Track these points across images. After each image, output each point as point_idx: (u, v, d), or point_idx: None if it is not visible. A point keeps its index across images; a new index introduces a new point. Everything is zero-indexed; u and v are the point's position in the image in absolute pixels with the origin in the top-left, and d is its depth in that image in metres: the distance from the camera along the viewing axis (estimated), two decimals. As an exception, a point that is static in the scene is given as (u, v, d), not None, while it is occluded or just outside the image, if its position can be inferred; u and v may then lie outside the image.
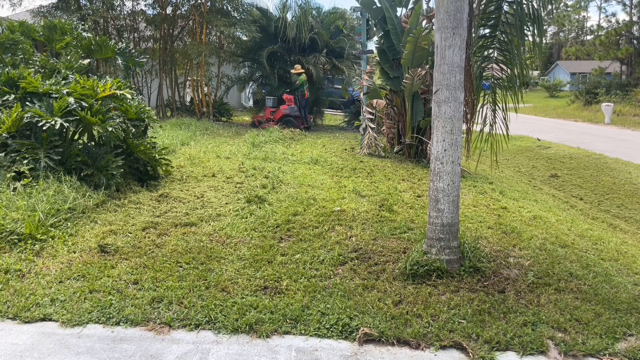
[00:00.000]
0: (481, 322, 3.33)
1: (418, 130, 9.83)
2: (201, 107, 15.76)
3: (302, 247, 4.59)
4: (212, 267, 4.07)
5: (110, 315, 3.29)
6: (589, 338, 3.22)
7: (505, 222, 5.67)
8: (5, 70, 6.65)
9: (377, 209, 5.98)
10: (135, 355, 2.91)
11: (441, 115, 4.03)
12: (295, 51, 15.10)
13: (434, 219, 4.11)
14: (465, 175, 8.65)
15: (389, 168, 8.92)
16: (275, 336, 3.15)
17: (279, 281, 3.85)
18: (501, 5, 5.56)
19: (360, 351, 3.03)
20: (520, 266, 4.29)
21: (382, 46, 10.61)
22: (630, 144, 16.53)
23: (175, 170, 7.52)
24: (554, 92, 42.51)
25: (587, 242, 5.50)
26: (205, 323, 3.24)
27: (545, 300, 3.69)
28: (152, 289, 3.65)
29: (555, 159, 13.61)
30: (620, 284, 4.13)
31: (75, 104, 5.95)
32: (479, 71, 5.88)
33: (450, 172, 4.04)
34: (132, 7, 16.27)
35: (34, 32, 9.45)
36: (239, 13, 15.44)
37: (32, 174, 5.52)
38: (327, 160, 9.36)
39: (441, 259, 4.03)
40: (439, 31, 4.00)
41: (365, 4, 10.55)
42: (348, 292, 3.70)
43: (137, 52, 11.29)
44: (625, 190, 10.33)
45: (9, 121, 5.68)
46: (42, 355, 2.87)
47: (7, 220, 4.57)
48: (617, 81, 32.71)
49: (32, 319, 3.24)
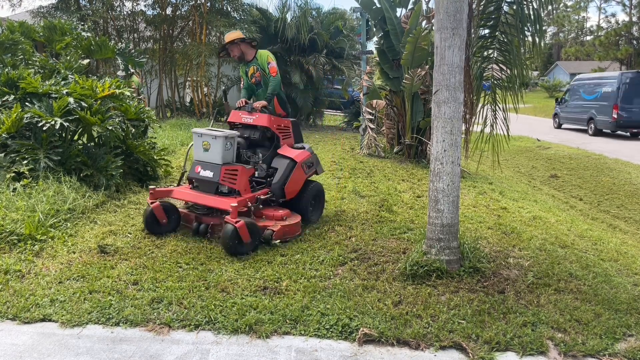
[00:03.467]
0: (481, 323, 3.33)
1: (418, 130, 9.83)
2: (201, 107, 15.76)
3: (302, 248, 4.59)
4: (211, 268, 4.07)
5: (110, 315, 3.28)
6: (588, 338, 3.22)
7: (505, 223, 5.67)
8: (5, 71, 6.65)
9: (376, 209, 5.98)
10: (135, 355, 2.91)
11: (441, 115, 4.03)
12: (294, 51, 15.10)
13: (434, 220, 4.11)
14: (465, 176, 8.65)
15: (389, 168, 8.92)
16: (275, 336, 3.15)
17: (278, 281, 3.85)
18: (501, 5, 5.56)
19: (360, 351, 3.03)
20: (520, 266, 4.29)
21: (381, 46, 10.61)
22: (630, 144, 16.53)
23: (175, 170, 7.52)
24: (554, 92, 42.54)
25: (587, 242, 5.50)
26: (205, 323, 3.24)
27: (545, 301, 3.69)
28: (152, 289, 3.65)
29: (555, 159, 13.62)
30: (620, 284, 4.13)
31: (75, 104, 5.95)
32: (478, 72, 5.88)
33: (450, 173, 4.04)
34: (132, 7, 16.27)
35: (34, 32, 9.45)
36: (238, 13, 15.45)
37: (32, 174, 5.52)
38: (327, 160, 9.36)
39: (441, 259, 4.03)
40: (439, 32, 4.00)
41: (365, 5, 10.55)
42: (348, 292, 3.70)
43: (136, 53, 11.29)
44: (625, 190, 10.33)
45: (9, 121, 5.68)
46: (42, 356, 2.87)
47: (6, 220, 4.57)
48: (617, 81, 32.67)
49: (32, 320, 3.23)
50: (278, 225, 4.63)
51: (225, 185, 4.72)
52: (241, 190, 4.71)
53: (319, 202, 5.44)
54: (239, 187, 4.71)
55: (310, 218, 5.21)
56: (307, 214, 5.15)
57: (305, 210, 5.14)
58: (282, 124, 5.22)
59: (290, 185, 4.95)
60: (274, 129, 5.10)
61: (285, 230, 4.68)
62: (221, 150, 4.69)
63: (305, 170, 5.14)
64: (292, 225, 4.78)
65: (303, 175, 5.13)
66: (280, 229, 4.61)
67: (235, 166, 4.75)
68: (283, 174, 4.94)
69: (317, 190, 5.36)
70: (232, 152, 4.83)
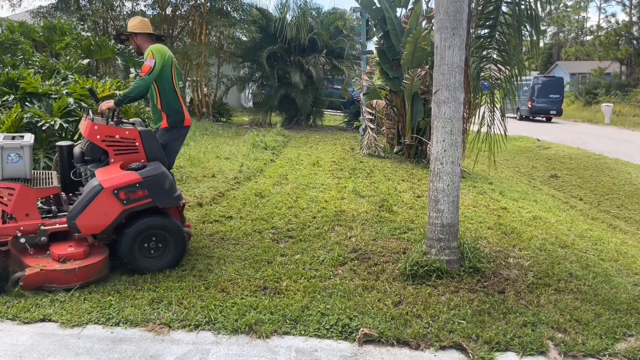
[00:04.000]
0: (481, 323, 3.33)
1: (418, 130, 9.83)
2: (201, 107, 15.76)
3: (302, 248, 4.59)
4: (211, 268, 4.07)
5: (110, 315, 3.28)
6: (588, 338, 3.22)
7: (505, 223, 5.67)
8: (5, 71, 6.65)
9: (376, 209, 5.98)
10: (135, 355, 2.91)
11: (441, 115, 4.03)
12: (294, 51, 15.10)
13: (434, 220, 4.11)
14: (465, 176, 8.65)
15: (389, 168, 8.92)
16: (275, 337, 3.15)
17: (278, 281, 3.85)
18: (499, 5, 5.56)
19: (360, 352, 3.03)
20: (520, 266, 4.29)
21: (381, 46, 10.61)
22: (629, 144, 16.54)
23: (175, 170, 7.52)
24: (554, 92, 42.48)
25: (587, 242, 5.50)
26: (204, 323, 3.24)
27: (545, 301, 3.69)
28: (152, 289, 3.65)
29: (555, 159, 13.61)
30: (620, 284, 4.13)
31: (75, 104, 5.95)
32: (476, 71, 5.88)
33: (450, 173, 4.04)
34: (132, 7, 16.28)
35: (34, 32, 9.46)
36: (238, 13, 15.46)
37: (32, 174, 5.52)
38: (327, 160, 9.36)
39: (441, 259, 4.03)
40: (439, 31, 4.00)
41: (365, 5, 10.55)
42: (348, 292, 3.70)
43: (136, 53, 11.27)
44: (625, 190, 10.33)
45: (9, 121, 5.69)
46: (42, 356, 2.87)
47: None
48: (617, 81, 32.75)
49: (32, 320, 3.23)
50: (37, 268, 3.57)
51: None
52: (16, 215, 3.73)
53: (165, 246, 4.03)
54: (12, 211, 3.71)
55: (138, 265, 3.92)
56: (129, 259, 3.89)
57: (127, 253, 3.88)
58: (117, 135, 3.97)
59: (87, 217, 3.73)
60: (96, 141, 3.95)
61: (48, 276, 3.57)
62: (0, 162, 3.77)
63: (122, 199, 3.78)
64: (61, 270, 3.60)
65: (115, 206, 3.77)
66: (36, 273, 3.54)
67: (12, 184, 3.71)
68: (80, 202, 3.78)
69: (150, 228, 3.94)
70: (22, 165, 3.81)
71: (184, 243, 4.13)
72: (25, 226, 3.72)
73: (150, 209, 3.95)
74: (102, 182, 3.77)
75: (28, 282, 3.53)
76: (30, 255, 3.73)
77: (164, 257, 4.03)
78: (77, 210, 3.75)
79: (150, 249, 3.97)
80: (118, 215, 3.80)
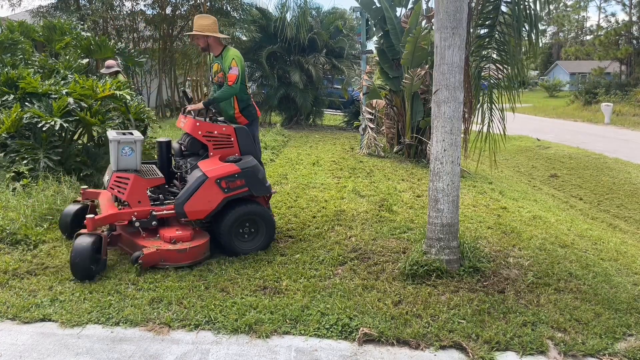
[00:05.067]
0: (481, 322, 3.33)
1: (417, 130, 9.83)
2: (201, 107, 15.74)
3: (302, 247, 4.59)
4: (211, 267, 4.07)
5: (110, 315, 3.28)
6: (588, 338, 3.22)
7: (504, 222, 5.67)
8: (4, 71, 6.65)
9: (376, 209, 5.98)
10: (135, 355, 2.91)
11: (441, 115, 4.03)
12: (294, 51, 15.10)
13: (434, 219, 4.11)
14: (465, 175, 8.65)
15: (389, 168, 8.92)
16: (274, 336, 3.15)
17: (278, 281, 3.85)
18: (499, 5, 5.56)
19: (360, 351, 3.03)
20: (520, 266, 4.29)
21: (381, 46, 10.61)
22: (629, 144, 16.54)
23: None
24: (554, 92, 42.54)
25: (587, 242, 5.50)
26: (204, 323, 3.24)
27: (545, 300, 3.69)
28: (152, 289, 3.65)
29: (554, 159, 13.61)
30: (619, 284, 4.13)
31: (75, 104, 5.95)
32: (477, 71, 5.87)
33: (449, 172, 4.04)
34: (132, 7, 16.29)
35: (34, 32, 9.46)
36: (238, 13, 15.46)
37: (32, 174, 5.53)
38: (327, 160, 9.36)
39: (441, 259, 4.03)
40: (439, 31, 4.00)
41: (364, 4, 10.55)
42: (348, 292, 3.70)
43: (136, 52, 11.29)
44: (624, 190, 10.33)
45: (9, 121, 5.68)
46: (42, 356, 2.87)
47: (6, 220, 4.57)
48: (617, 81, 32.75)
49: (32, 320, 3.23)
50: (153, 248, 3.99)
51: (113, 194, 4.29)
52: (130, 202, 4.16)
53: (257, 230, 4.45)
54: (127, 198, 4.15)
55: (235, 248, 4.33)
56: (227, 242, 4.31)
57: (226, 236, 4.29)
58: (215, 131, 4.44)
59: (193, 203, 4.16)
60: (198, 136, 4.41)
61: (163, 255, 4.00)
62: (115, 155, 4.21)
63: (224, 188, 4.21)
64: (174, 250, 4.03)
65: (217, 194, 4.21)
66: (153, 252, 3.97)
67: (127, 174, 4.17)
68: (186, 190, 4.20)
69: (246, 214, 4.36)
70: (134, 158, 4.24)
71: (274, 228, 4.56)
72: (138, 212, 4.14)
73: (243, 198, 4.37)
74: (206, 172, 4.20)
75: (146, 260, 3.92)
76: (142, 237, 4.16)
77: (256, 241, 4.46)
78: (184, 198, 4.17)
79: (245, 234, 4.40)
80: (220, 202, 4.22)
